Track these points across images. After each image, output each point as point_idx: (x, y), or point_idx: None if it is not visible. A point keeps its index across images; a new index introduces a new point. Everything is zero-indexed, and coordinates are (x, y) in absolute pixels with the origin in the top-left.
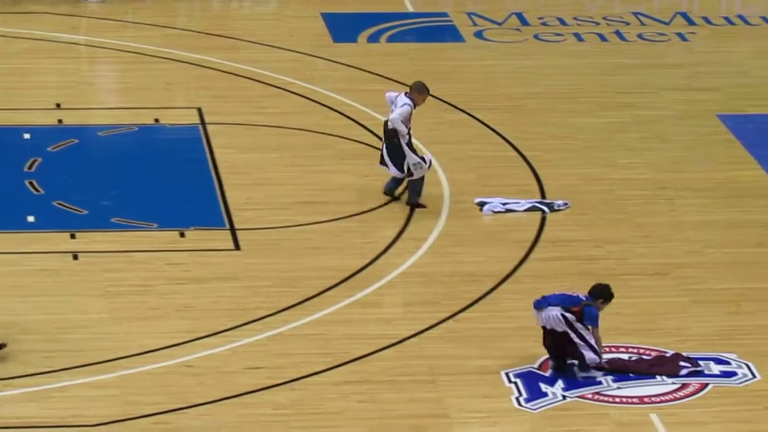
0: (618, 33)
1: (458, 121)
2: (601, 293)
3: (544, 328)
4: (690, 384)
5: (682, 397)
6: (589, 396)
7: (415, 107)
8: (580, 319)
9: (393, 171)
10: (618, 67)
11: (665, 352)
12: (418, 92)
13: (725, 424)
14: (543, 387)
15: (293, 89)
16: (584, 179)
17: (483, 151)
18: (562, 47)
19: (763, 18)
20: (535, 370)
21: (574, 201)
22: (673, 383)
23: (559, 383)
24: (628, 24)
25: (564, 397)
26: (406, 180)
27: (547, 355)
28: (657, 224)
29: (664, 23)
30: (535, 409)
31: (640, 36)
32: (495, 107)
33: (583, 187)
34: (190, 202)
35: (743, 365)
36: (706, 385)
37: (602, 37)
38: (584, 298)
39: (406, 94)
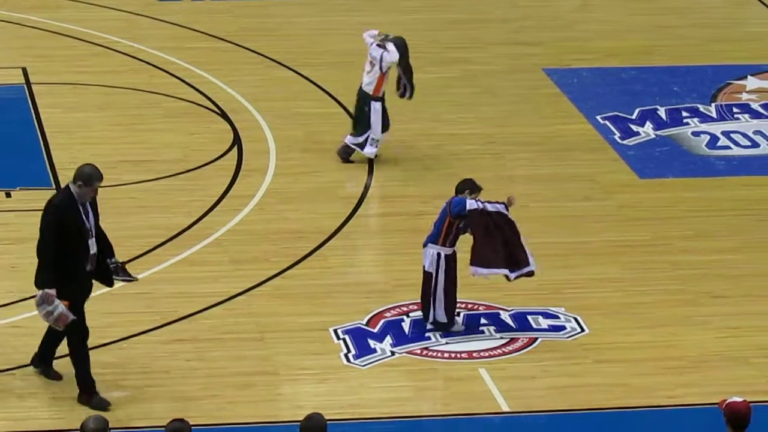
0: None
1: (284, 78)
2: (464, 186)
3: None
4: (519, 338)
5: (510, 352)
6: (418, 351)
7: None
8: (450, 228)
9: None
10: (446, 22)
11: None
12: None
13: (554, 378)
14: (372, 343)
15: (118, 48)
16: (412, 135)
17: (309, 107)
18: (390, 3)
19: None
20: (363, 327)
21: (402, 157)
22: (501, 338)
23: (388, 339)
24: None
25: (393, 353)
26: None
27: (377, 311)
28: (485, 179)
29: None
30: (363, 366)
31: None
32: (321, 64)
33: (411, 142)
34: (16, 162)
35: (571, 319)
36: (535, 339)
37: None
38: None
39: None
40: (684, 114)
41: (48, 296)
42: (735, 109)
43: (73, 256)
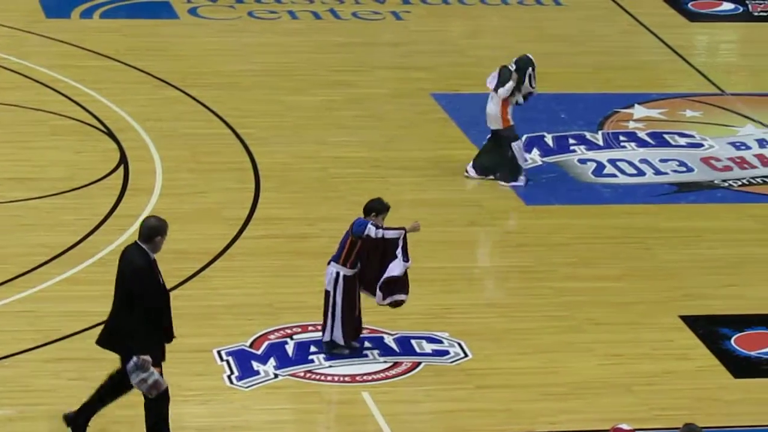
0: (332, 11)
1: (171, 98)
2: (372, 208)
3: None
4: (402, 362)
5: (394, 376)
6: (301, 374)
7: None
8: (352, 248)
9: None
10: (332, 45)
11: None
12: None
13: (437, 403)
14: (255, 365)
15: (5, 65)
16: (297, 157)
17: (196, 128)
18: (276, 25)
19: None
20: (247, 349)
21: (287, 179)
22: (385, 362)
23: (272, 361)
24: (342, 2)
25: (276, 375)
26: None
27: (261, 333)
28: None
29: (379, 2)
30: (246, 388)
31: (354, 14)
32: (208, 84)
33: (296, 165)
34: None
35: (455, 344)
36: (419, 363)
37: (316, 15)
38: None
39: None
40: (571, 141)
41: (145, 363)
42: (622, 138)
43: (157, 319)
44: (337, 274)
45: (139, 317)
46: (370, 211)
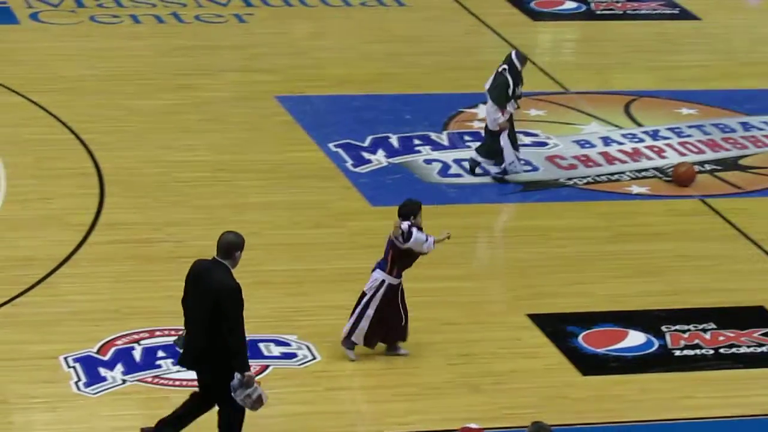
0: (175, 15)
1: (13, 104)
2: (410, 212)
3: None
4: (251, 366)
5: None
6: (149, 379)
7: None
8: (399, 256)
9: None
10: (175, 48)
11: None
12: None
13: (287, 406)
14: (102, 371)
15: None
16: (141, 162)
17: (39, 133)
18: (119, 29)
19: None
20: (94, 355)
21: (132, 184)
22: None
23: (119, 367)
24: (185, 6)
25: (124, 381)
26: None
27: (108, 339)
28: (216, 206)
29: (222, 4)
30: (94, 394)
31: (197, 17)
32: (51, 89)
33: (140, 169)
34: None
35: (303, 346)
36: (267, 366)
37: (159, 19)
38: (394, 240)
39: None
40: (416, 142)
41: (250, 379)
42: (466, 137)
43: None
44: (382, 281)
45: (240, 335)
46: (408, 215)
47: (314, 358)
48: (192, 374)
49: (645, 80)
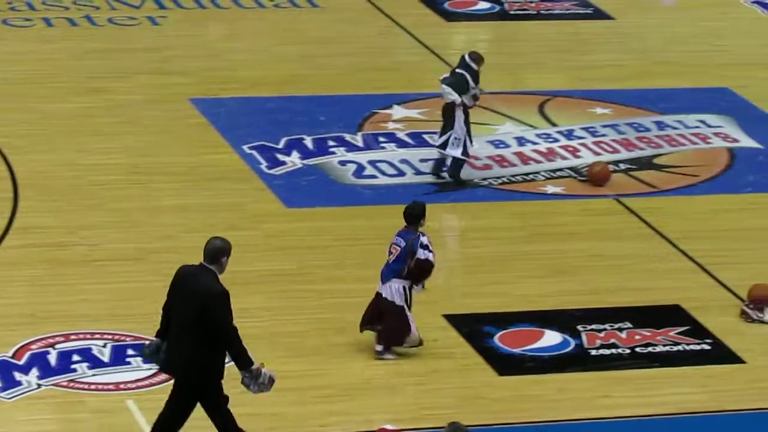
0: (88, 17)
1: None
2: (420, 214)
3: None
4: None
5: (158, 383)
6: (65, 384)
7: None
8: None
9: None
10: (88, 51)
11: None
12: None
13: (201, 409)
14: (17, 376)
15: None
16: (55, 165)
17: None
18: (31, 32)
19: (234, 1)
20: (8, 359)
21: (45, 188)
22: (149, 368)
23: (34, 371)
24: (98, 9)
25: (39, 385)
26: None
27: (22, 343)
28: (131, 209)
29: (135, 7)
30: (9, 399)
31: (110, 20)
32: None
33: (54, 173)
34: None
35: None
36: None
37: (72, 22)
38: (405, 239)
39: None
40: (330, 143)
41: (257, 371)
42: (381, 138)
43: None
44: (404, 287)
45: (234, 338)
46: (418, 218)
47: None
48: (106, 378)
49: (559, 80)
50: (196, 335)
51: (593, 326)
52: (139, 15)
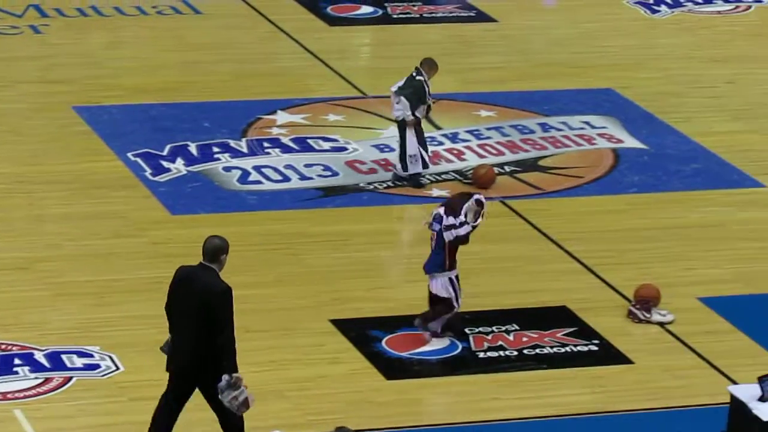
0: None
1: None
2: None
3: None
4: (53, 378)
5: (46, 392)
6: None
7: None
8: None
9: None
10: None
11: None
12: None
13: (91, 417)
14: None
15: None
16: None
17: None
18: None
19: (117, 8)
20: None
21: None
22: (36, 378)
23: None
24: None
25: None
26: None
27: None
28: (16, 218)
29: (17, 16)
30: None
31: None
32: None
33: None
34: None
35: (106, 357)
36: (70, 378)
37: None
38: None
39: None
40: (215, 149)
41: (238, 381)
42: (266, 144)
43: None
44: (450, 279)
45: (231, 337)
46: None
47: (117, 369)
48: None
49: (443, 83)
50: (198, 332)
51: (480, 329)
52: (21, 24)
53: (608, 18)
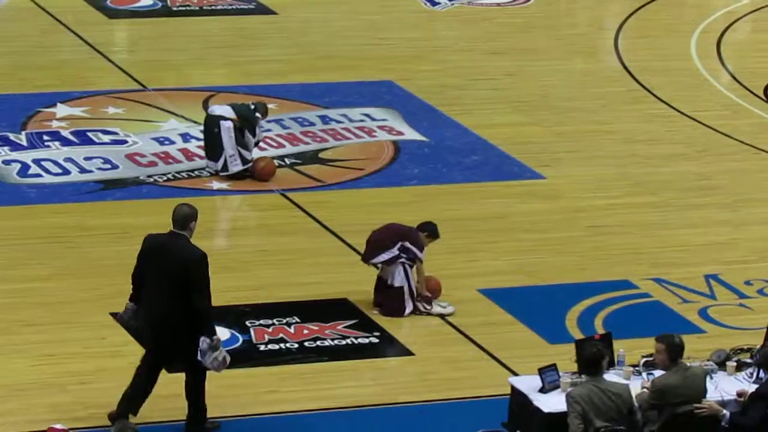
0: None
1: None
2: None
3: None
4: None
5: None
6: None
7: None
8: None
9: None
10: None
11: None
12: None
13: None
14: None
15: None
16: None
17: None
18: None
19: None
20: None
21: None
22: None
23: None
24: None
25: None
26: None
27: None
28: None
29: None
30: None
31: None
32: None
33: None
34: None
35: None
36: None
37: None
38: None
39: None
40: None
41: (218, 342)
42: (46, 137)
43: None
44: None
45: (209, 301)
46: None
47: None
48: None
49: (223, 76)
50: (174, 299)
51: (261, 321)
52: None
53: (389, 10)
